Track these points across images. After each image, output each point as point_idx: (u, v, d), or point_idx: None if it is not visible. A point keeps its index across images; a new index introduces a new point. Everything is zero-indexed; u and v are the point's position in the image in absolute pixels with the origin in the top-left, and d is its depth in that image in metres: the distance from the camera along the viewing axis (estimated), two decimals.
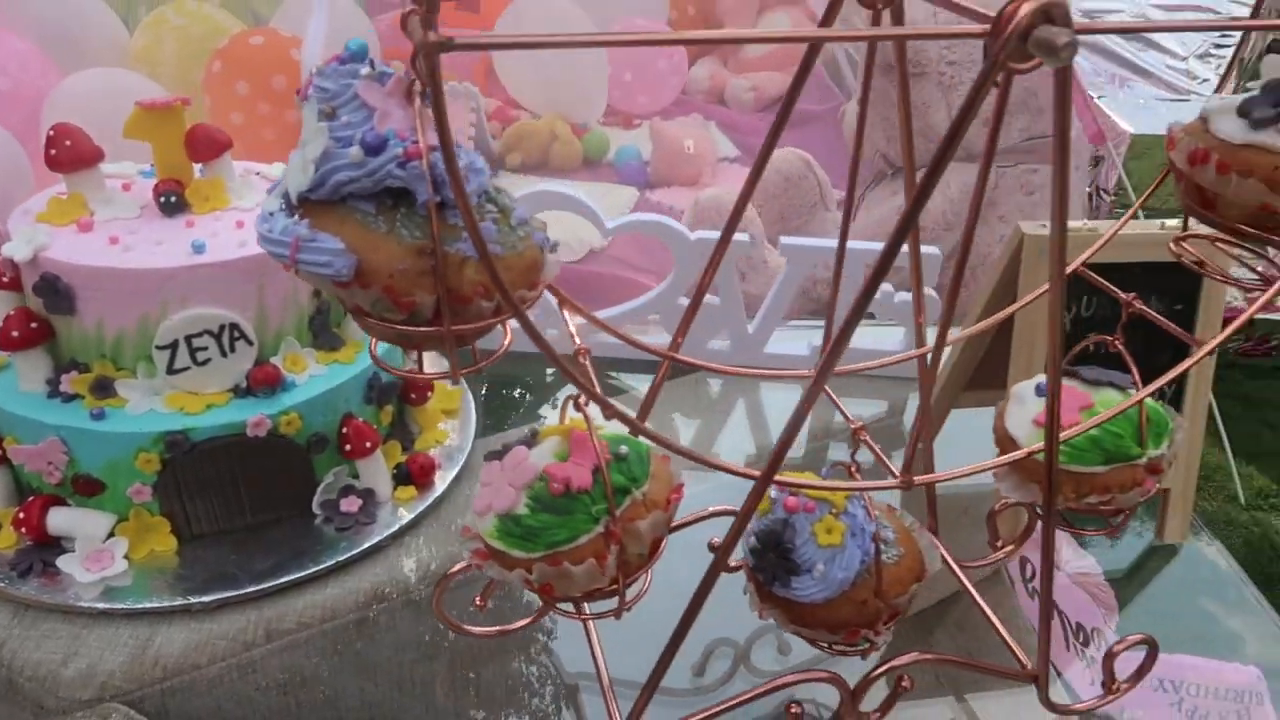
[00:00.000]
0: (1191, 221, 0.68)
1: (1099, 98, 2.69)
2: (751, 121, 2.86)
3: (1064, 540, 1.19)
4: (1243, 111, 0.60)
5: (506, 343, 0.55)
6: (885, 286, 1.18)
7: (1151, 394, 0.65)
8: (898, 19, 0.63)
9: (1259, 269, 0.68)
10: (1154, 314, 0.69)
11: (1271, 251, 0.67)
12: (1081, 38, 0.43)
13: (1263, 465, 2.22)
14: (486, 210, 0.49)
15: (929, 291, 1.15)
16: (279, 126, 2.71)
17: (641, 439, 0.58)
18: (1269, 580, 1.89)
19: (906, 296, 1.17)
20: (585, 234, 1.96)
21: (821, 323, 0.90)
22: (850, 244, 0.80)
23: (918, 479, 0.61)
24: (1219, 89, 3.12)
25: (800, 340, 1.20)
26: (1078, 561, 1.19)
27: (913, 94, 2.02)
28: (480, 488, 0.60)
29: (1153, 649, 0.70)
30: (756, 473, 0.55)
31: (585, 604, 0.61)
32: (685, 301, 1.14)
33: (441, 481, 0.94)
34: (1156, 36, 3.00)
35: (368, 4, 3.44)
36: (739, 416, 1.20)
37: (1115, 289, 0.70)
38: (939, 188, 2.12)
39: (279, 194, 0.50)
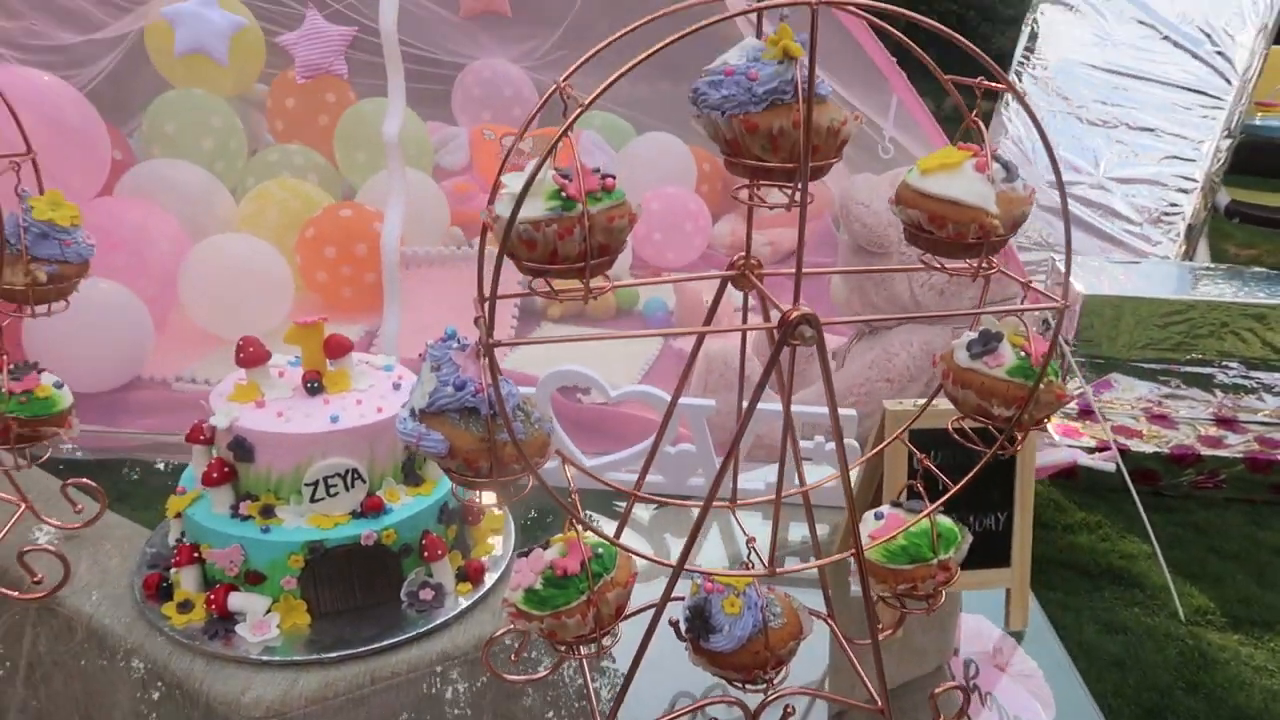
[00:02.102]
0: None
1: (1057, 261, 3.11)
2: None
3: (1011, 645, 1.55)
4: (967, 349, 1.00)
5: (530, 486, 0.95)
6: (819, 438, 1.58)
7: (935, 515, 1.04)
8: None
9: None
10: (930, 465, 1.07)
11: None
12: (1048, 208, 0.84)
13: (1203, 586, 2.52)
14: (517, 415, 0.91)
15: (850, 442, 1.54)
16: (357, 286, 3.22)
17: (613, 546, 0.98)
18: (1194, 686, 2.18)
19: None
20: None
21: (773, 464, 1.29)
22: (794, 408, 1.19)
23: (778, 570, 1.00)
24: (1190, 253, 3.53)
25: (758, 479, 1.59)
26: (1021, 665, 1.53)
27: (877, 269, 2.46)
28: (514, 574, 1.00)
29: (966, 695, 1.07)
30: (672, 563, 0.95)
31: (577, 647, 1.00)
32: (670, 450, 1.55)
33: (489, 580, 1.34)
34: (1115, 203, 3.42)
35: (435, 171, 4.02)
36: (714, 535, 1.59)
37: (915, 449, 1.09)
38: (903, 345, 2.54)
39: (408, 407, 0.91)
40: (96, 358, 2.58)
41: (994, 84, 0.88)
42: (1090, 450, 2.76)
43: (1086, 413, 2.98)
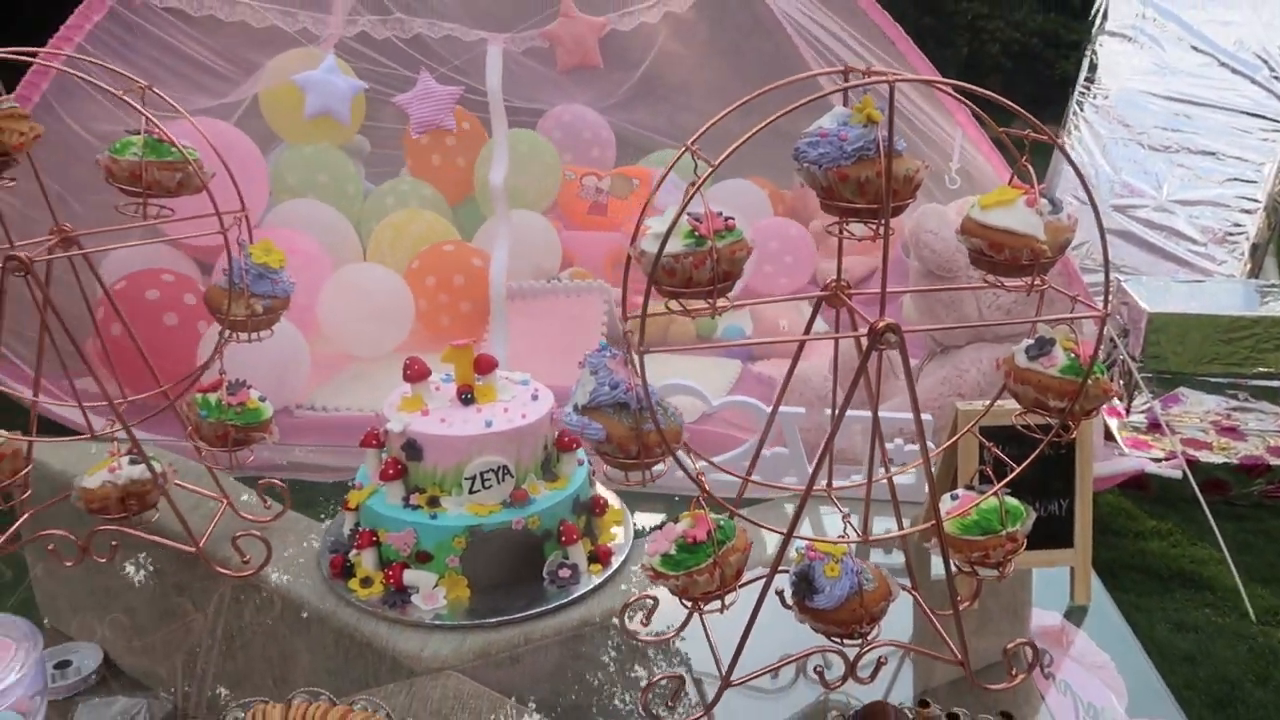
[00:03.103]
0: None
1: (1124, 281, 3.25)
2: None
3: (1084, 639, 1.70)
4: (1025, 352, 1.19)
5: (666, 467, 1.18)
6: (898, 440, 1.77)
7: (1003, 494, 1.23)
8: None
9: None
10: (1005, 457, 1.26)
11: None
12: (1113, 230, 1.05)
13: (1275, 589, 2.63)
14: (658, 409, 1.13)
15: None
16: (452, 313, 3.50)
17: (731, 521, 1.20)
18: (1265, 679, 2.29)
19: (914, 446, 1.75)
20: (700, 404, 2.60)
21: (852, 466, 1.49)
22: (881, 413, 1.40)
23: (869, 538, 1.20)
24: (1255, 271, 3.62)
25: (840, 478, 1.79)
26: (1094, 656, 1.69)
27: (948, 291, 2.64)
28: (649, 544, 1.22)
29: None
30: (783, 530, 1.16)
31: (704, 603, 1.21)
32: (767, 453, 1.76)
33: (615, 562, 1.56)
34: (1179, 225, 3.55)
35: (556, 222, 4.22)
36: (806, 527, 1.79)
37: (985, 442, 1.29)
38: (973, 362, 2.71)
39: (571, 404, 1.14)
40: (271, 379, 2.85)
41: (1039, 136, 1.09)
42: (1158, 460, 2.88)
43: (1155, 426, 3.10)
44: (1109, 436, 3.03)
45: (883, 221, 1.06)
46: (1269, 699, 2.22)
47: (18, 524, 1.52)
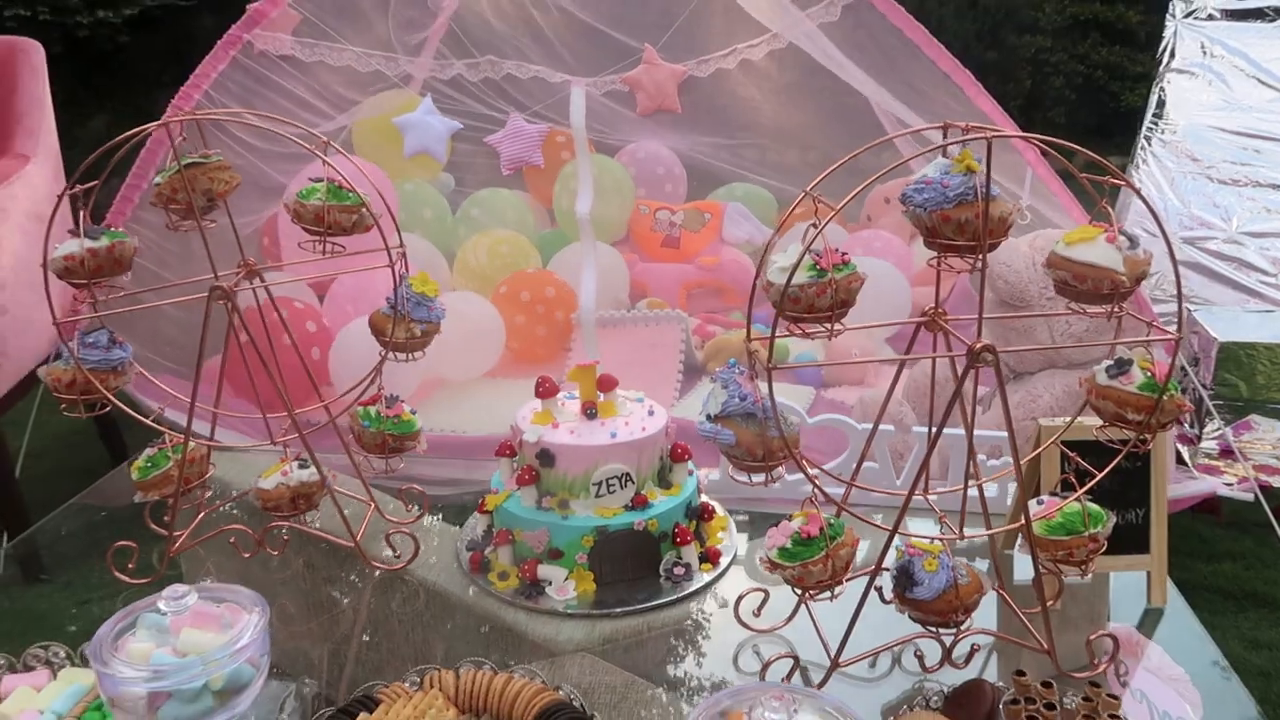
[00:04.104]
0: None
1: (1194, 310, 3.34)
2: (907, 330, 3.60)
3: (1159, 652, 1.79)
4: (1106, 371, 1.34)
5: (783, 469, 1.34)
6: (981, 456, 1.91)
7: (1085, 499, 1.37)
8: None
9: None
10: (1087, 465, 1.41)
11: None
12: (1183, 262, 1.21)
13: None
14: (783, 419, 1.30)
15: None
16: (548, 324, 3.65)
17: (839, 521, 1.36)
18: None
19: (994, 461, 1.89)
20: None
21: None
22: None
23: (963, 534, 1.35)
24: None
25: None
26: (1170, 670, 1.80)
27: (1020, 320, 2.77)
28: (767, 539, 1.38)
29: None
30: (888, 528, 1.32)
31: (816, 592, 1.37)
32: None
33: (723, 562, 1.72)
34: (1250, 256, 3.63)
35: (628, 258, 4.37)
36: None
37: (1069, 452, 1.43)
38: (1046, 388, 2.83)
39: (702, 413, 1.32)
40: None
41: (1118, 180, 1.24)
42: (1230, 484, 2.96)
43: (1227, 452, 3.18)
44: (1180, 461, 3.11)
45: (981, 256, 1.22)
46: None
47: (198, 519, 1.74)
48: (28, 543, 2.05)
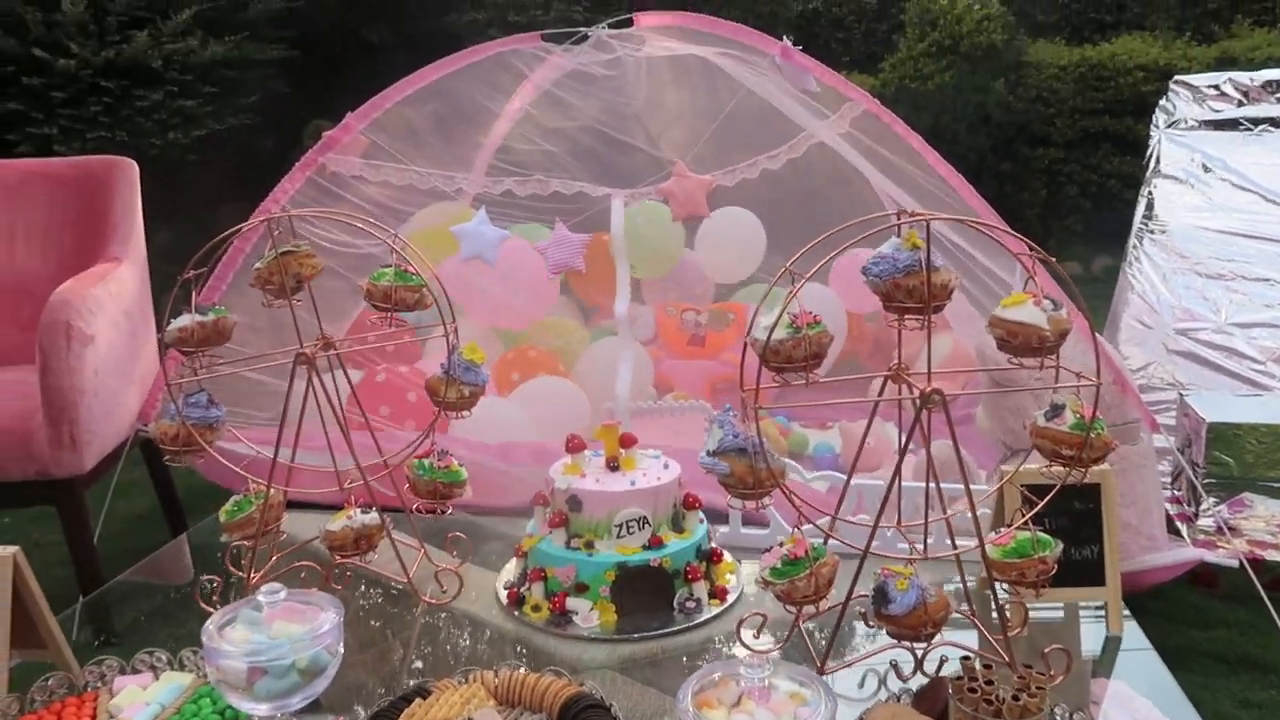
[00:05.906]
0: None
1: (1186, 395, 3.55)
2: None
3: (1134, 697, 1.97)
4: (1044, 415, 1.58)
5: (770, 502, 1.59)
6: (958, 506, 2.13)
7: (1038, 531, 1.60)
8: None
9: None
10: (1028, 492, 1.64)
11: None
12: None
13: None
14: (767, 454, 1.55)
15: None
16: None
17: (822, 546, 1.60)
18: None
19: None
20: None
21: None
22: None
23: (929, 555, 1.58)
24: None
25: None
26: (1149, 714, 1.98)
27: (1013, 399, 3.01)
28: (761, 560, 1.62)
29: None
30: (860, 548, 1.55)
31: (803, 605, 1.59)
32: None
33: (730, 598, 1.95)
34: (1239, 345, 3.84)
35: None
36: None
37: (1030, 495, 1.66)
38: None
39: (705, 450, 1.58)
40: None
41: (1043, 256, 1.51)
42: (1218, 552, 3.12)
43: (1219, 530, 3.34)
44: (1178, 535, 3.28)
45: (927, 316, 1.49)
46: None
47: (274, 559, 2.00)
48: (94, 608, 2.25)
